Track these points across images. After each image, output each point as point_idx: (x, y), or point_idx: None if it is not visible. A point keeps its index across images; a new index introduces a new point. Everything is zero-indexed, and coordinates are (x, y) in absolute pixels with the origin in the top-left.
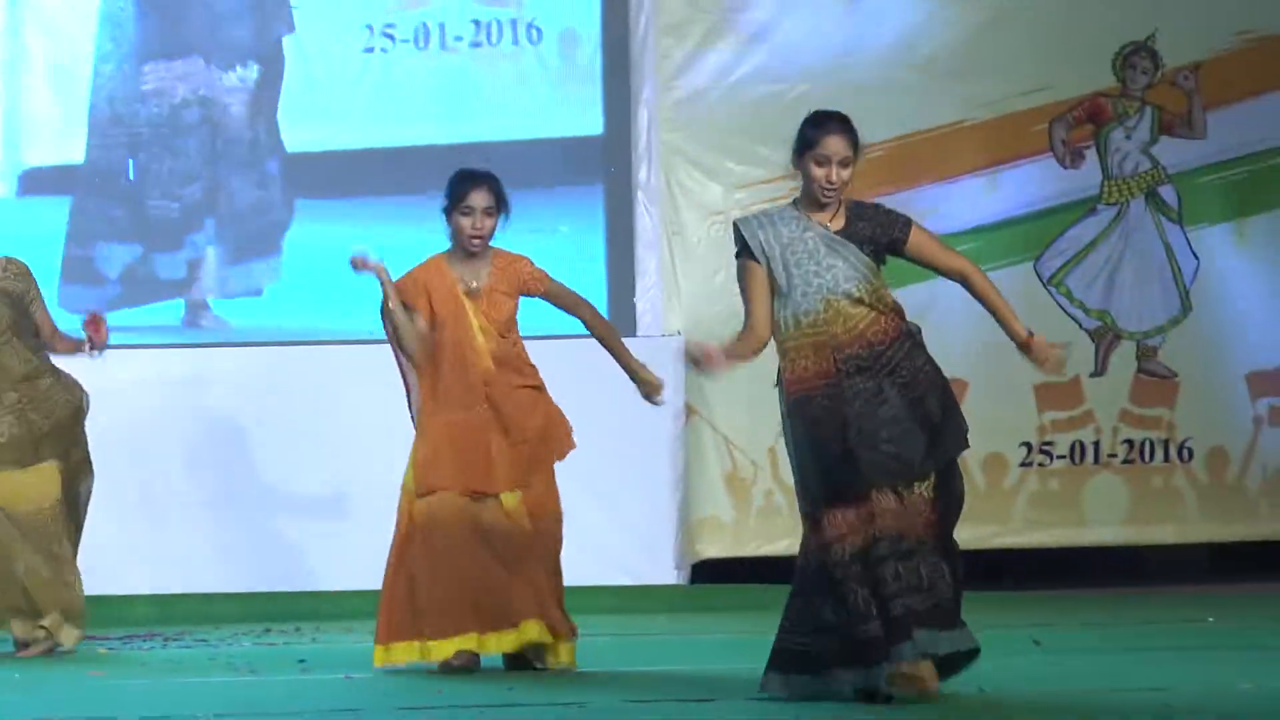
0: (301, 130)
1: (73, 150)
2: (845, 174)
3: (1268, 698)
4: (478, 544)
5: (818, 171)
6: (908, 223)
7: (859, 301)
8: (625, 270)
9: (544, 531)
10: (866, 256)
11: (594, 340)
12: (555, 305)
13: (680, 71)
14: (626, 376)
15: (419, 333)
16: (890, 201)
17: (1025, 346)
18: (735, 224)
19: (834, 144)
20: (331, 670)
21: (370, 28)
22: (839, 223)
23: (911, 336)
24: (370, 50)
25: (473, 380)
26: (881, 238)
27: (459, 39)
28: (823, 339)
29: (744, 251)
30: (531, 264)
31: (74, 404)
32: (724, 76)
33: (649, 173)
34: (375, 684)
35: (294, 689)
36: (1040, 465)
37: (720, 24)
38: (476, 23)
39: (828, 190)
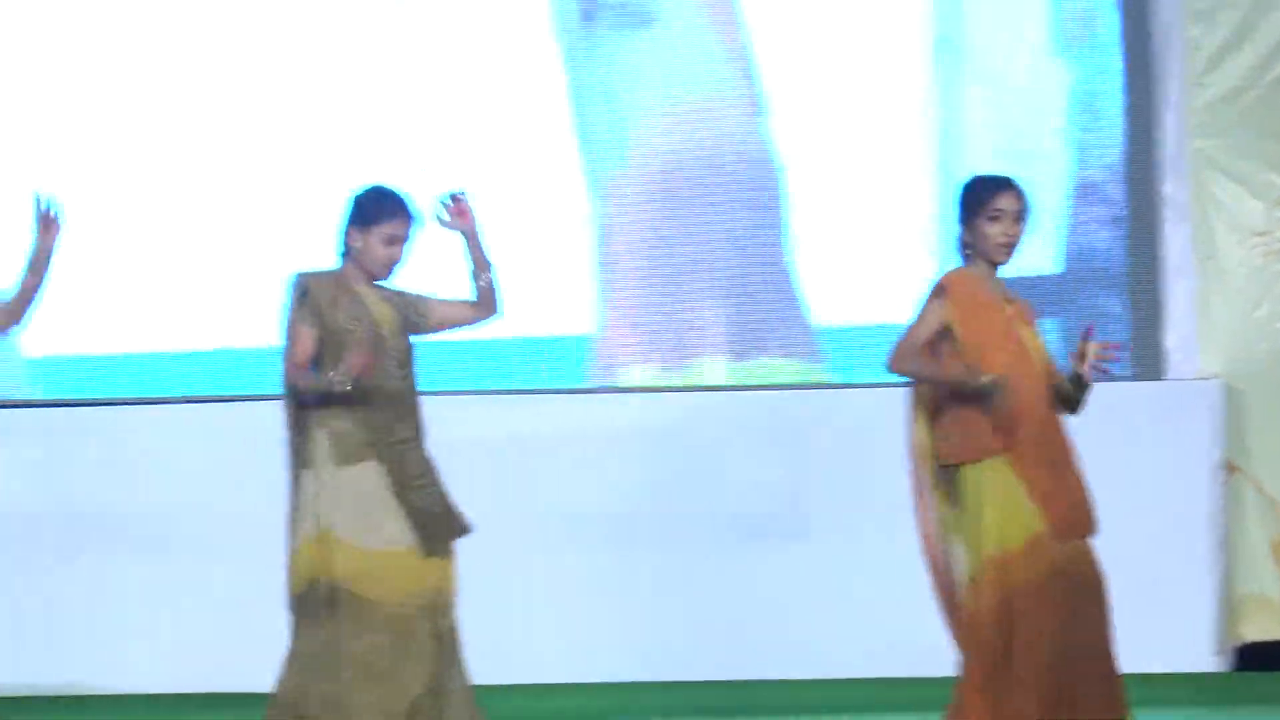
0: None
1: None
2: None
3: None
4: None
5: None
6: None
7: None
8: (1151, 301)
9: None
10: None
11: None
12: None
13: (1211, 66)
14: None
15: None
16: None
17: None
18: None
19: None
20: None
21: None
22: None
23: None
24: None
25: None
26: None
27: None
28: None
29: None
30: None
31: None
32: (1265, 71)
33: (1177, 186)
34: None
35: None
36: None
37: (1259, 7)
38: None
39: None
